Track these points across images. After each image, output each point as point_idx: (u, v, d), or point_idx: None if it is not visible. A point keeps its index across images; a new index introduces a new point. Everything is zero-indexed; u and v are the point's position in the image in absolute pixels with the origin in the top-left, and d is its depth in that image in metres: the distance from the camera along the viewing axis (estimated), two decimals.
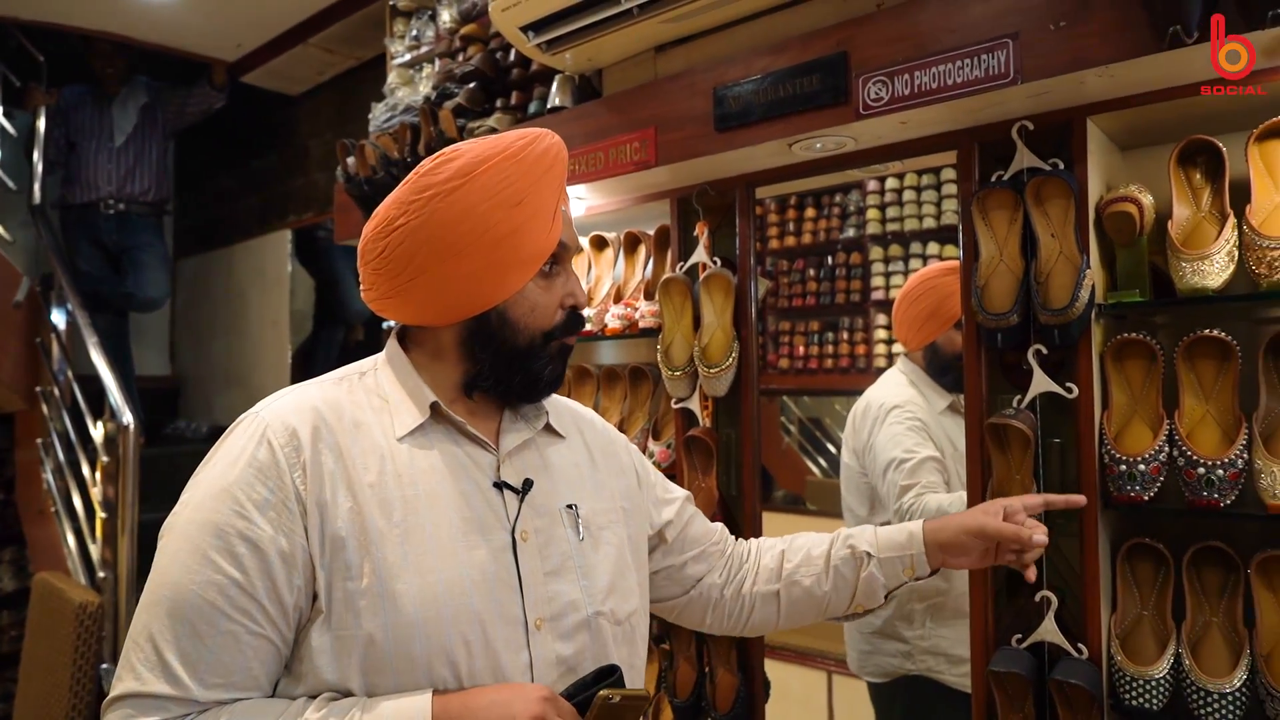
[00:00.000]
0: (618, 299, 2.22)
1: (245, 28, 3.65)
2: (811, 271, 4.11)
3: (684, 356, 1.99)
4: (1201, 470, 1.37)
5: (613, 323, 2.16)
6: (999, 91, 1.44)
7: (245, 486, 0.88)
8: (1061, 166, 1.51)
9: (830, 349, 4.07)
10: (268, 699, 0.89)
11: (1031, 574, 1.17)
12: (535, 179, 0.95)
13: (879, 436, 2.12)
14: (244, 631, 0.85)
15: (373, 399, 0.98)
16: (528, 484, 1.00)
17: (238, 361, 4.74)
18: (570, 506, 1.03)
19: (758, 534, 1.95)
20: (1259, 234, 1.36)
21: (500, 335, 0.98)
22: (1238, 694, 1.34)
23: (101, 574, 3.10)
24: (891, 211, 3.90)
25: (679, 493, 1.28)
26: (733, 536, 1.33)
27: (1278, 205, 1.39)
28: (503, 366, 0.99)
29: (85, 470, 3.35)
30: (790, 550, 1.26)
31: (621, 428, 2.22)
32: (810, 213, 4.15)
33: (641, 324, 2.11)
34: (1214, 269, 1.38)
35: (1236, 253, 1.39)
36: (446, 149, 0.99)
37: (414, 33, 2.91)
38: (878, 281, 3.90)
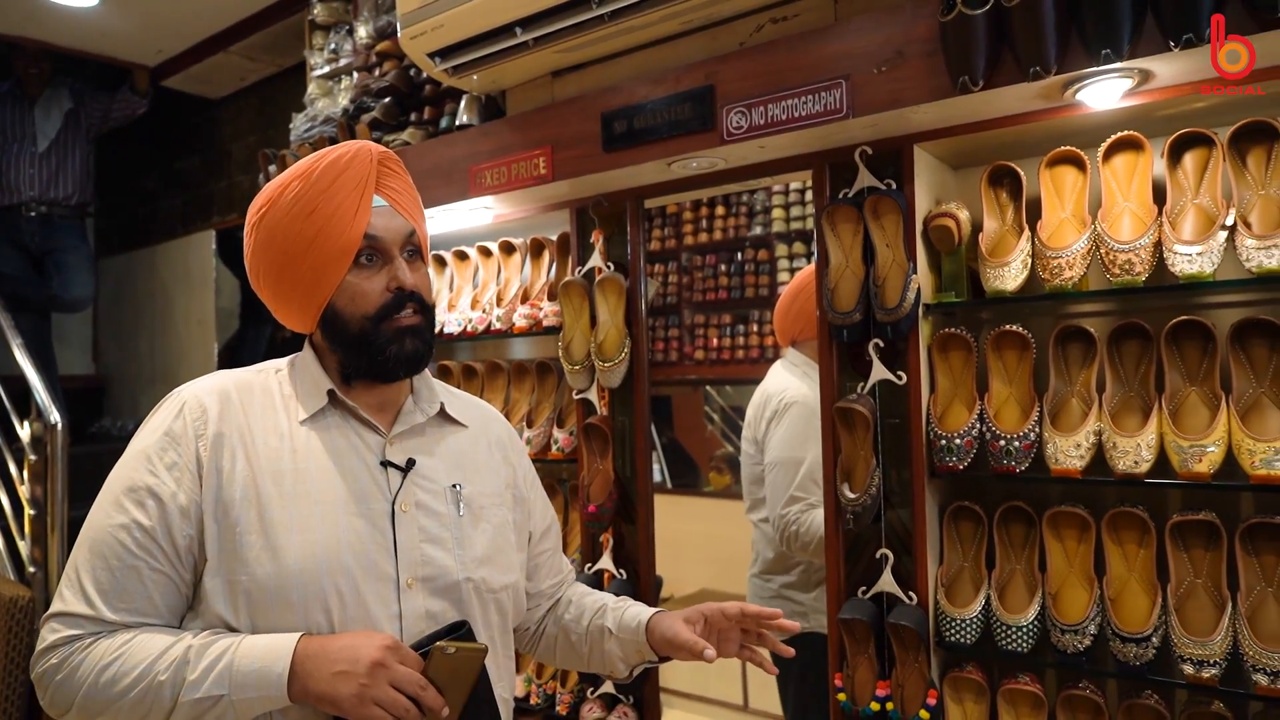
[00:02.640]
0: (525, 299, 2.42)
1: (166, 35, 3.73)
2: (723, 267, 4.38)
3: (582, 352, 2.21)
4: (1002, 442, 1.64)
5: (520, 321, 2.36)
6: (837, 123, 1.68)
7: (159, 450, 1.07)
8: (894, 186, 1.76)
9: (742, 340, 4.35)
10: (169, 628, 1.05)
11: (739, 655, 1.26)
12: (324, 188, 1.08)
13: (777, 431, 2.32)
14: (145, 567, 1.03)
15: (284, 388, 1.16)
16: (410, 463, 1.15)
17: (163, 360, 4.80)
18: (454, 486, 1.18)
19: (649, 510, 2.18)
20: (1046, 245, 1.63)
21: (337, 325, 1.12)
22: (1031, 625, 1.62)
23: (31, 569, 3.18)
24: (795, 210, 4.19)
25: (547, 521, 1.40)
26: (571, 577, 1.45)
27: (1062, 221, 1.67)
28: (352, 353, 1.13)
29: (12, 469, 3.41)
30: (575, 606, 1.38)
31: (530, 417, 2.43)
32: (720, 211, 4.41)
33: (545, 323, 2.32)
34: (1010, 274, 1.65)
35: (1030, 260, 1.67)
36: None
37: (332, 46, 3.06)
38: (783, 276, 4.19)
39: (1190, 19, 1.29)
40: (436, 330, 2.54)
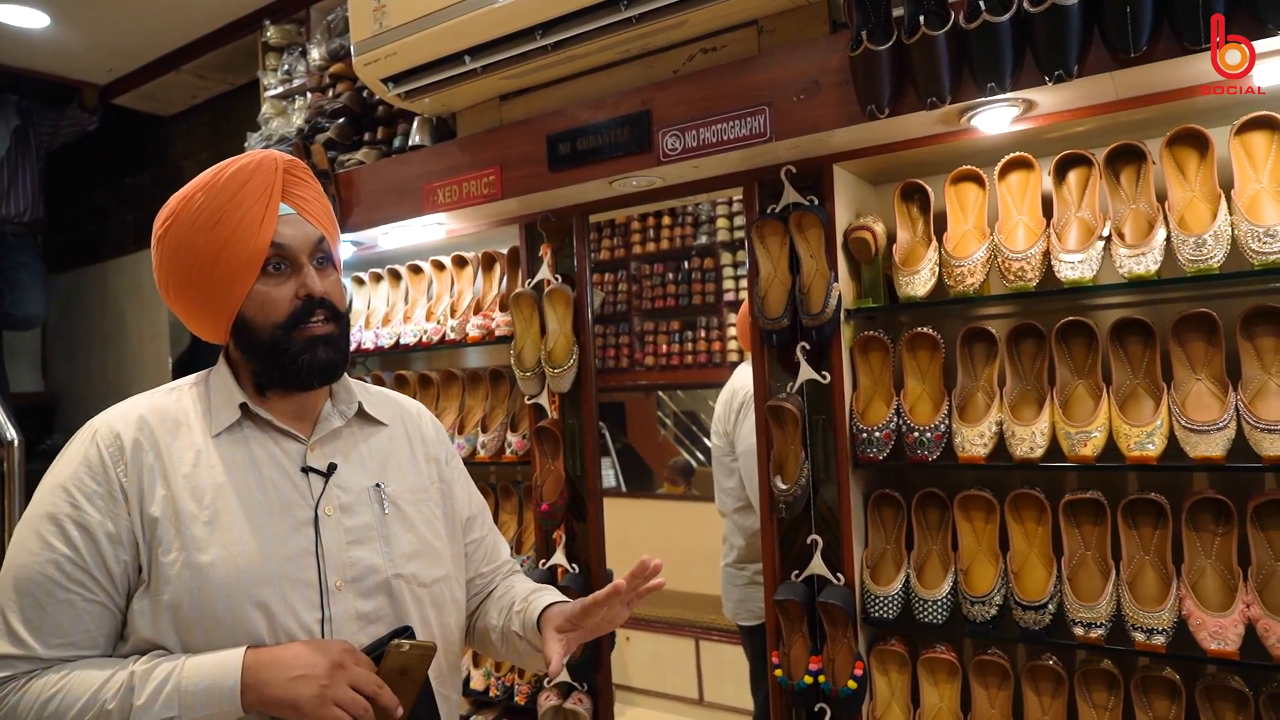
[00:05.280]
0: (477, 311, 2.54)
1: (117, 55, 3.77)
2: (670, 275, 4.54)
3: (533, 359, 2.34)
4: (916, 434, 1.81)
5: (473, 331, 2.49)
6: (763, 145, 1.84)
7: (77, 481, 1.05)
8: (816, 202, 1.92)
9: (690, 346, 4.51)
10: (106, 657, 1.04)
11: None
12: (228, 198, 1.08)
13: (746, 424, 2.48)
14: (79, 599, 1.02)
15: (198, 404, 1.14)
16: (331, 467, 1.14)
17: (116, 375, 4.80)
18: (378, 485, 1.18)
19: (599, 507, 2.31)
20: (951, 255, 1.81)
21: (249, 335, 1.11)
22: (945, 599, 1.79)
23: None
24: (739, 220, 4.36)
25: (472, 510, 1.35)
26: (506, 567, 1.40)
27: (965, 233, 1.85)
28: (265, 362, 1.12)
29: None
30: (498, 604, 1.33)
31: (484, 423, 2.55)
32: (667, 221, 4.58)
33: (498, 332, 2.45)
34: (921, 281, 1.82)
35: (938, 268, 1.84)
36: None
37: (285, 67, 3.14)
38: (728, 285, 4.36)
39: (1060, 57, 1.47)
40: (393, 343, 2.67)
